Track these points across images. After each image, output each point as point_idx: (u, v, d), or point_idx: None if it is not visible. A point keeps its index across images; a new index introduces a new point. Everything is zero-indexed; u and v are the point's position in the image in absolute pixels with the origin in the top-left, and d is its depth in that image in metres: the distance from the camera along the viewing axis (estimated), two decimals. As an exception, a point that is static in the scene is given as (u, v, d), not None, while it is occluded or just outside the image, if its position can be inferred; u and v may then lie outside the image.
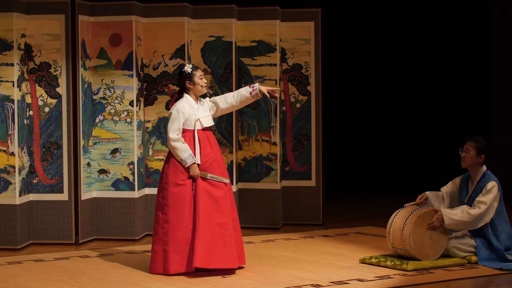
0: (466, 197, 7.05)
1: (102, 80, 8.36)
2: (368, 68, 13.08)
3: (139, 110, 8.42)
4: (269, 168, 9.05)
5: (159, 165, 8.49)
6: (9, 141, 7.83)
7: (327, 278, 6.44)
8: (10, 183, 7.84)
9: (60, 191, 8.09)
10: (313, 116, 9.28)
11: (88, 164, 8.27)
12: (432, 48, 12.67)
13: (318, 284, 6.22)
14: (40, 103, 8.10)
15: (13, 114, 7.81)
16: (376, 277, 6.47)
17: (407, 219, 6.84)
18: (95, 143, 8.34)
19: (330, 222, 9.40)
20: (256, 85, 6.85)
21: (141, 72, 8.49)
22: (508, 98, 11.84)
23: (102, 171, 8.36)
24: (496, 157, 9.05)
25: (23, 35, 7.99)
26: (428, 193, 7.14)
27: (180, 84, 6.82)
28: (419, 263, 6.73)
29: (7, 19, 7.83)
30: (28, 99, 8.06)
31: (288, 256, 7.39)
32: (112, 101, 8.34)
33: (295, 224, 9.23)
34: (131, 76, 8.32)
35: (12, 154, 7.82)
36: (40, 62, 8.09)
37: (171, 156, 6.68)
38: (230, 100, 6.88)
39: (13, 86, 7.80)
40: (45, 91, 8.09)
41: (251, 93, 6.83)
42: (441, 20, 12.58)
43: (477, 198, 6.89)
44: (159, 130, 8.57)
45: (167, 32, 8.53)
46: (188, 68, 6.77)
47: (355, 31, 13.05)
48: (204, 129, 6.76)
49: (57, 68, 8.09)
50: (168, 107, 8.50)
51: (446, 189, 7.21)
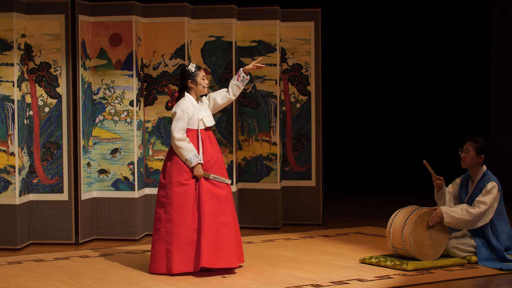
0: (466, 197, 7.05)
1: (102, 80, 8.35)
2: (368, 68, 13.08)
3: (139, 110, 8.42)
4: (269, 168, 9.04)
5: (159, 165, 8.48)
6: (9, 141, 7.82)
7: (327, 278, 6.44)
8: (10, 183, 7.84)
9: (60, 191, 8.09)
10: (313, 116, 9.27)
11: (88, 164, 8.27)
12: (432, 48, 12.67)
13: (318, 284, 6.21)
14: (40, 103, 8.10)
15: (13, 114, 7.80)
16: (376, 277, 6.47)
17: (407, 219, 6.84)
18: (95, 143, 8.34)
19: (330, 222, 9.40)
20: (240, 69, 6.89)
21: (141, 72, 8.49)
22: (508, 98, 11.84)
23: (102, 171, 8.36)
24: (496, 157, 9.05)
25: (23, 35, 7.98)
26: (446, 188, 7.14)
27: (181, 83, 6.80)
28: (419, 263, 6.73)
29: (7, 19, 7.83)
30: (28, 99, 8.06)
31: (288, 256, 7.39)
32: (112, 101, 8.33)
33: (295, 224, 9.23)
34: (131, 76, 8.31)
35: (12, 154, 7.82)
36: (40, 62, 8.09)
37: (173, 154, 6.65)
38: (225, 94, 6.92)
39: (13, 86, 7.80)
40: (45, 91, 8.09)
41: (237, 79, 6.87)
42: (441, 20, 12.58)
43: (477, 198, 6.88)
44: (159, 130, 8.57)
45: (167, 32, 8.52)
46: (191, 67, 6.76)
47: (355, 31, 13.05)
48: (206, 128, 6.76)
49: (57, 68, 8.08)
50: (168, 106, 8.50)
51: (448, 189, 7.20)
